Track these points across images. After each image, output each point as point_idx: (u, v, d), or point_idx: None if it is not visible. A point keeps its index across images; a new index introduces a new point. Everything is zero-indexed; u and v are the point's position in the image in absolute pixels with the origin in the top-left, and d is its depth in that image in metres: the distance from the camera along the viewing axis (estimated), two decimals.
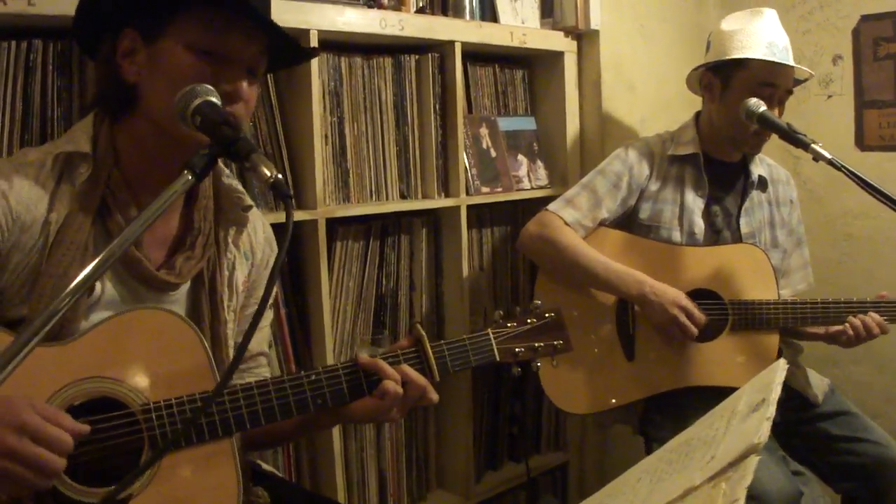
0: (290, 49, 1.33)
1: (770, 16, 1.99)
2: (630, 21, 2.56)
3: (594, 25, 2.40)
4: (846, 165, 1.70)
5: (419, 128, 2.13)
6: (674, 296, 1.90)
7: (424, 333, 1.37)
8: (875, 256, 2.69)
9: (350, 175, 1.98)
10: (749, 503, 0.71)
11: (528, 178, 2.41)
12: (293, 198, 1.34)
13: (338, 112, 1.95)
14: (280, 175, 1.01)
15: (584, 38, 2.47)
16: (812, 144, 1.75)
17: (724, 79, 1.99)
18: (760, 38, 1.93)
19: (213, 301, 1.32)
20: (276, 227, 1.53)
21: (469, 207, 2.20)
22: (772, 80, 1.94)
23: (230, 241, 1.37)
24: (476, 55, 2.29)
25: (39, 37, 1.49)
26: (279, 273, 1.38)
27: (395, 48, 2.06)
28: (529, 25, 2.34)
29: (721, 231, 2.06)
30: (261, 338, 1.49)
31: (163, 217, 0.99)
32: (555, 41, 2.41)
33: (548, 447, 2.59)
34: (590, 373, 1.98)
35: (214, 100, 1.10)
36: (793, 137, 1.79)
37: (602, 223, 2.03)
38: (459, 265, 2.19)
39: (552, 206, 2.02)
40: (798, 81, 2.06)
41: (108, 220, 1.21)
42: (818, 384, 2.07)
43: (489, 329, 1.46)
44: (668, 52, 2.68)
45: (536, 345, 1.49)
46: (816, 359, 2.38)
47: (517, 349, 1.47)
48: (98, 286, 1.20)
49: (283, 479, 1.67)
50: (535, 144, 2.46)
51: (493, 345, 1.45)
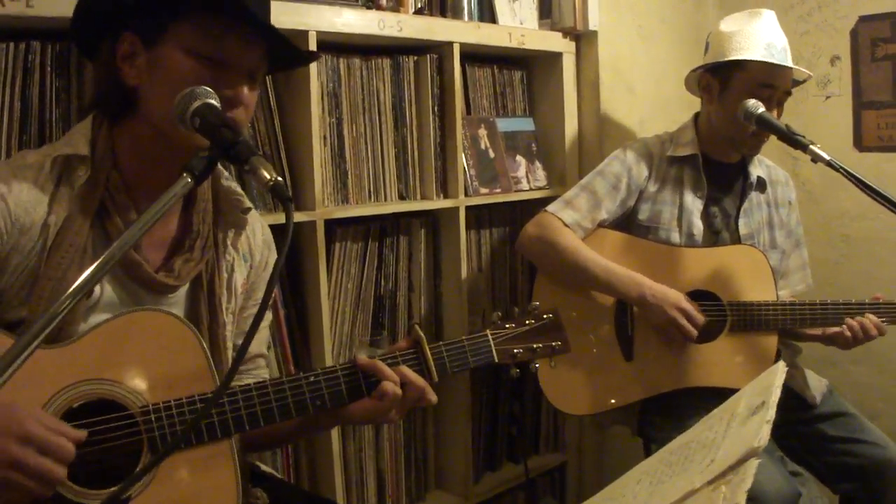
0: (290, 52, 1.33)
1: (768, 17, 1.99)
2: (629, 22, 2.56)
3: (592, 26, 2.40)
4: (844, 166, 1.70)
5: (418, 129, 2.13)
6: (673, 298, 1.90)
7: (423, 335, 1.37)
8: (872, 257, 2.70)
9: (349, 176, 1.98)
10: None
11: (527, 179, 2.41)
12: (292, 200, 1.34)
13: (336, 113, 1.95)
14: (280, 178, 1.02)
15: (583, 39, 2.47)
16: (810, 146, 1.75)
17: (723, 80, 1.99)
18: (759, 40, 1.93)
19: (212, 303, 1.32)
20: (275, 229, 1.53)
21: (468, 208, 2.20)
22: (770, 82, 1.94)
23: (229, 244, 1.37)
24: (474, 56, 2.29)
25: (38, 38, 1.49)
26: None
27: (394, 49, 2.06)
28: (528, 26, 2.34)
29: (720, 232, 2.06)
30: (259, 339, 1.49)
31: (161, 219, 0.99)
32: (553, 42, 2.41)
33: (546, 448, 2.59)
34: (588, 374, 1.97)
35: (213, 102, 1.10)
36: (791, 139, 1.79)
37: (601, 224, 2.02)
38: (458, 266, 2.19)
39: (551, 208, 2.02)
40: (797, 82, 2.06)
41: (107, 223, 1.21)
42: (816, 385, 2.08)
43: (487, 330, 1.46)
44: (667, 53, 2.68)
45: (535, 346, 1.49)
46: (815, 360, 2.38)
47: (515, 350, 1.47)
48: (97, 288, 1.19)
49: (282, 480, 1.67)
50: (534, 145, 2.46)
51: (492, 346, 1.45)
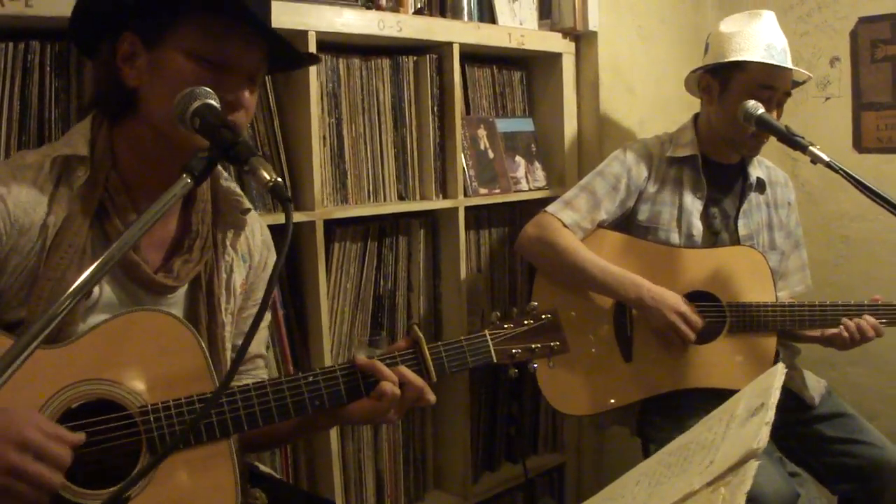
0: (290, 54, 1.33)
1: (768, 18, 1.99)
2: (628, 22, 2.56)
3: (592, 27, 2.40)
4: (844, 168, 1.70)
5: (417, 129, 2.12)
6: (672, 301, 1.90)
7: (421, 335, 1.37)
8: (871, 258, 2.70)
9: (348, 176, 1.98)
10: None
11: (526, 180, 2.41)
12: (292, 201, 1.33)
13: (336, 113, 1.95)
14: (279, 179, 1.01)
15: (583, 40, 2.47)
16: (810, 147, 1.75)
17: (723, 81, 1.99)
18: (759, 41, 1.93)
19: (211, 304, 1.32)
20: (275, 229, 1.53)
21: (467, 209, 2.20)
22: (770, 83, 1.94)
23: (228, 244, 1.37)
24: (474, 56, 2.29)
25: (37, 38, 1.49)
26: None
27: (394, 49, 2.06)
28: (527, 27, 2.34)
29: (719, 233, 2.06)
30: (258, 340, 1.49)
31: (161, 220, 0.99)
32: (553, 42, 2.40)
33: (545, 448, 2.59)
34: (587, 374, 1.97)
35: (213, 102, 1.10)
36: (791, 140, 1.79)
37: (600, 225, 2.02)
38: (457, 266, 2.19)
39: (551, 208, 2.02)
40: (796, 83, 2.06)
41: (106, 224, 1.21)
42: (815, 386, 2.08)
43: (486, 330, 1.46)
44: (667, 54, 2.68)
45: (533, 346, 1.49)
46: (813, 361, 2.38)
47: (514, 350, 1.47)
48: (96, 289, 1.19)
49: (281, 481, 1.67)
50: (533, 146, 2.46)
51: (490, 346, 1.45)
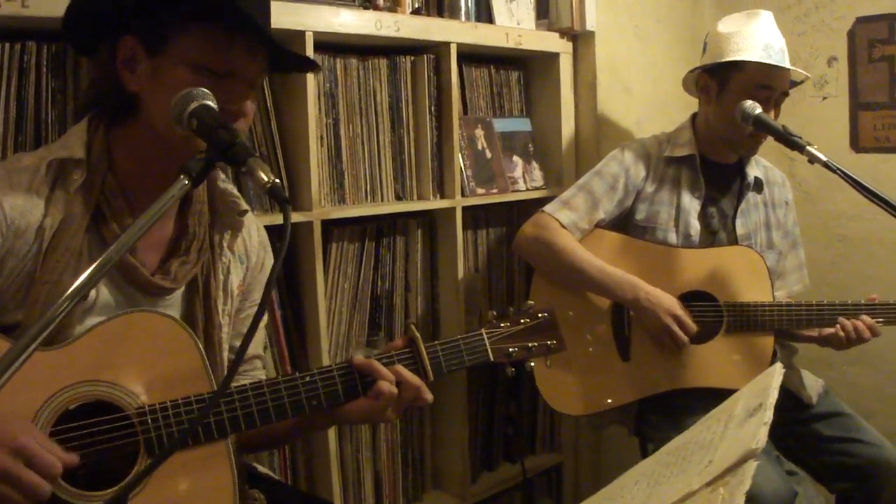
0: (292, 60, 1.33)
1: (766, 18, 1.99)
2: (626, 22, 2.56)
3: (589, 26, 2.40)
4: (841, 168, 1.70)
5: (414, 129, 2.12)
6: (668, 304, 1.90)
7: (418, 334, 1.37)
8: (869, 258, 2.70)
9: (345, 176, 1.98)
10: None
11: (524, 180, 2.41)
12: (290, 202, 1.33)
13: (333, 114, 1.94)
14: (277, 180, 1.01)
15: (580, 40, 2.47)
16: (807, 147, 1.75)
17: (721, 81, 1.99)
18: (757, 41, 1.93)
19: (207, 305, 1.31)
20: (272, 230, 1.52)
21: (464, 209, 2.20)
22: (768, 83, 1.94)
23: (225, 246, 1.37)
24: (471, 56, 2.29)
25: (33, 39, 1.48)
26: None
27: (391, 49, 2.06)
28: (525, 27, 2.34)
29: (717, 233, 2.06)
30: (256, 341, 1.49)
31: (158, 221, 0.98)
32: (550, 42, 2.40)
33: (543, 448, 2.59)
34: (585, 374, 1.98)
35: (210, 103, 1.09)
36: (788, 140, 1.80)
37: (598, 224, 2.02)
38: (455, 266, 2.19)
39: (548, 208, 2.02)
40: (794, 83, 2.07)
41: (103, 227, 1.21)
42: (812, 385, 2.08)
43: (483, 329, 1.46)
44: (664, 54, 2.68)
45: (530, 344, 1.49)
46: (811, 360, 2.38)
47: (511, 349, 1.48)
48: (93, 291, 1.19)
49: (279, 482, 1.67)
50: (531, 146, 2.46)
51: (487, 345, 1.45)
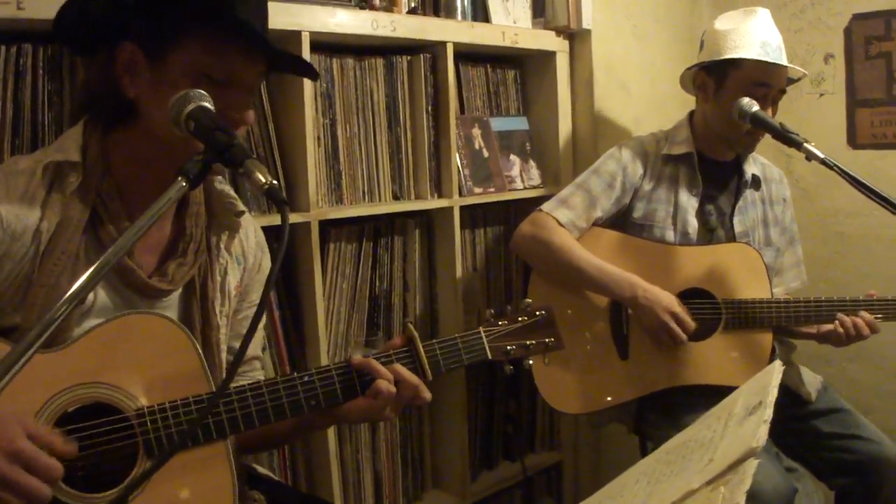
0: (291, 64, 1.33)
1: (763, 15, 1.99)
2: (622, 20, 2.56)
3: (586, 25, 2.40)
4: (838, 164, 1.70)
5: (411, 129, 2.12)
6: (666, 302, 1.90)
7: (416, 332, 1.37)
8: (867, 254, 2.70)
9: (343, 177, 1.97)
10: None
11: (521, 179, 2.41)
12: (288, 203, 1.33)
13: (330, 114, 1.94)
14: (275, 182, 1.01)
15: (576, 38, 2.47)
16: (804, 144, 1.75)
17: (718, 78, 1.99)
18: (754, 38, 1.93)
19: (205, 307, 1.31)
20: (269, 230, 1.52)
21: (462, 208, 2.20)
22: (765, 80, 1.94)
23: (222, 247, 1.37)
24: (468, 55, 2.29)
25: (29, 41, 1.48)
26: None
27: (387, 49, 2.06)
28: (521, 25, 2.34)
29: (715, 230, 2.06)
30: (255, 342, 1.49)
31: (155, 223, 0.98)
32: (547, 41, 2.40)
33: (542, 446, 2.59)
34: (584, 372, 1.98)
35: (207, 105, 1.09)
36: (785, 137, 1.80)
37: (596, 223, 2.02)
38: (453, 266, 2.19)
39: (546, 207, 2.02)
40: (791, 81, 2.07)
41: (100, 230, 1.21)
42: (811, 382, 2.08)
43: (481, 328, 1.46)
44: (661, 52, 2.68)
45: (528, 342, 1.49)
46: (810, 356, 2.38)
47: (509, 347, 1.48)
48: (91, 294, 1.19)
49: (279, 482, 1.67)
50: (528, 144, 2.46)
51: (485, 343, 1.45)
